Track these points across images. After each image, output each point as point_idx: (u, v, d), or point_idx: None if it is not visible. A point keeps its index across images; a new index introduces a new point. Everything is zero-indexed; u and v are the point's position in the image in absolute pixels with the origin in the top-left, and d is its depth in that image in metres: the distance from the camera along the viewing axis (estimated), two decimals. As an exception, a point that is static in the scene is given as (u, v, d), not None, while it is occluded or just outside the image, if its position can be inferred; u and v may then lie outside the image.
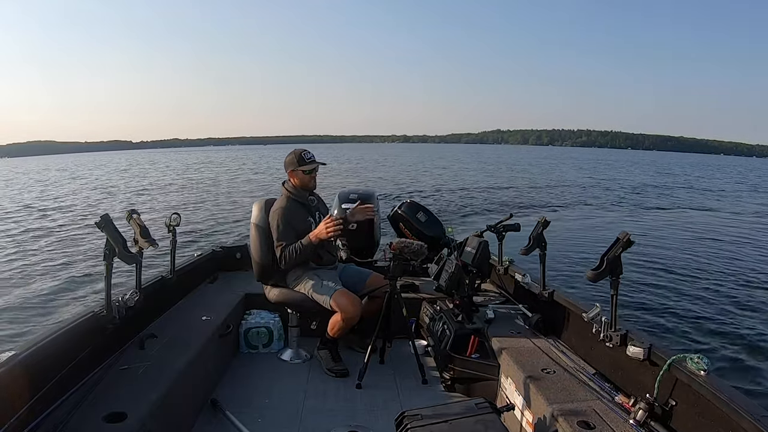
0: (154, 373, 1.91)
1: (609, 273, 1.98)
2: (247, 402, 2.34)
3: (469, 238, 3.32)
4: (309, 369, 2.75)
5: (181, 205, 15.31)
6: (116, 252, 1.93)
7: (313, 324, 2.92)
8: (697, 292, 6.42)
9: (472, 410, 1.63)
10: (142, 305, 2.25)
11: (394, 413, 1.71)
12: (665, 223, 12.53)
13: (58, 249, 8.99)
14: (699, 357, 1.69)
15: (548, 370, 2.12)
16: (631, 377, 1.95)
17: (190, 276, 3.08)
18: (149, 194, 19.52)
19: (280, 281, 2.77)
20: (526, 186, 22.30)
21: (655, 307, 5.74)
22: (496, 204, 15.46)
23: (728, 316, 5.58)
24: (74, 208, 15.42)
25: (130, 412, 1.60)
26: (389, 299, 2.62)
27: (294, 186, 2.76)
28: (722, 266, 7.86)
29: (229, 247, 3.71)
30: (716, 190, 23.88)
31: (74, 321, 1.89)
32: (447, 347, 2.50)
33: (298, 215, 2.71)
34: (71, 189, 22.87)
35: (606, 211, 14.61)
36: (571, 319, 2.44)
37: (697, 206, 16.62)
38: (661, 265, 7.64)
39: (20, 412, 1.49)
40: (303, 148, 2.79)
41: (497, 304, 3.02)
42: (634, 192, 20.93)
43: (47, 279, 6.97)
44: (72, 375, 1.76)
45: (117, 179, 28.59)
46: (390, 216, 3.81)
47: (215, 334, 2.49)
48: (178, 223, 2.75)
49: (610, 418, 1.72)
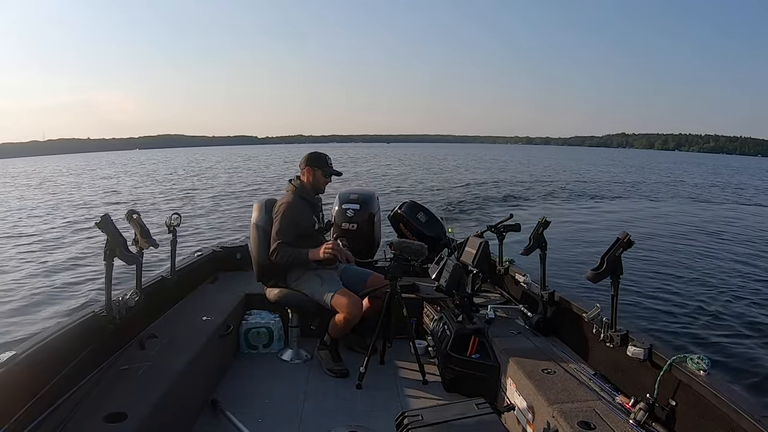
0: (154, 374, 1.91)
1: (609, 273, 1.98)
2: (247, 402, 2.34)
3: (470, 238, 3.32)
4: (309, 369, 2.75)
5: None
6: (116, 252, 1.93)
7: (314, 324, 2.92)
8: (697, 292, 6.41)
9: (473, 410, 1.63)
10: (143, 305, 2.25)
11: (394, 413, 1.71)
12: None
13: (58, 249, 8.99)
14: (699, 357, 1.69)
15: (548, 370, 2.12)
16: (631, 377, 1.95)
17: (190, 276, 3.08)
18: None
19: (281, 281, 2.77)
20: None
21: (656, 308, 5.73)
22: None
23: (729, 316, 5.58)
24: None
25: (130, 412, 1.60)
26: (389, 299, 2.62)
27: (303, 183, 2.78)
28: (724, 267, 7.86)
29: (229, 247, 3.71)
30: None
31: (74, 321, 1.89)
32: (447, 347, 2.49)
33: (304, 212, 2.72)
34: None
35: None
36: (572, 320, 2.44)
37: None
38: (661, 265, 7.64)
39: (20, 412, 1.49)
40: (323, 152, 2.83)
41: (497, 304, 3.02)
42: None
43: (47, 279, 6.98)
44: (72, 375, 1.76)
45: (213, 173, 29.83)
46: (390, 216, 3.81)
47: (215, 334, 2.49)
48: (178, 223, 2.75)
49: (611, 419, 1.72)
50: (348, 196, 3.59)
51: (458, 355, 2.45)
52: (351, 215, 3.49)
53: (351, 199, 3.56)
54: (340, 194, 3.64)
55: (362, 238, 3.45)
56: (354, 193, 3.65)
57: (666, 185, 24.78)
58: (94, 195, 19.27)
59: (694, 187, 24.47)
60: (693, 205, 16.88)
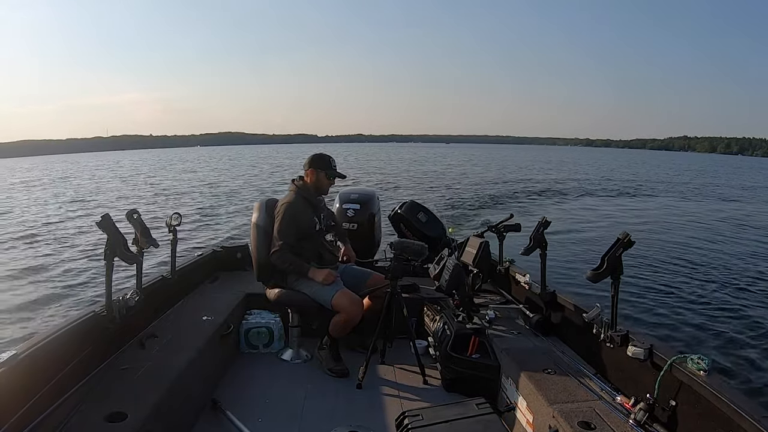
0: (154, 373, 1.91)
1: (609, 273, 1.98)
2: (247, 402, 2.34)
3: (470, 238, 3.32)
4: (309, 369, 2.75)
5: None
6: (117, 252, 1.93)
7: (314, 324, 2.92)
8: (697, 292, 6.41)
9: (473, 410, 1.64)
10: (143, 305, 2.25)
11: (394, 413, 1.71)
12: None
13: (57, 248, 8.99)
14: (699, 357, 1.69)
15: (549, 370, 2.12)
16: (631, 377, 1.95)
17: (190, 276, 3.08)
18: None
19: (281, 281, 2.77)
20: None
21: (656, 308, 5.73)
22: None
23: (729, 316, 5.58)
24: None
25: (130, 412, 1.60)
26: (390, 299, 2.62)
27: (306, 184, 2.79)
28: (724, 267, 7.85)
29: (229, 247, 3.71)
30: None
31: (74, 321, 1.89)
32: (447, 347, 2.49)
33: (305, 212, 2.73)
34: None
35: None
36: (572, 320, 2.44)
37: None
38: (662, 265, 7.64)
39: (20, 412, 1.49)
40: (327, 153, 2.84)
41: (498, 304, 3.02)
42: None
43: (47, 279, 6.98)
44: (72, 375, 1.76)
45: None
46: (391, 216, 3.81)
47: (216, 334, 2.49)
48: (178, 222, 2.75)
49: (611, 419, 1.72)
50: (348, 196, 3.59)
51: (458, 355, 2.45)
52: (351, 215, 3.49)
53: (351, 198, 3.57)
54: (341, 194, 3.65)
55: (362, 238, 3.45)
56: (354, 193, 3.65)
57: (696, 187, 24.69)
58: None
59: (723, 188, 24.67)
60: (714, 205, 16.84)
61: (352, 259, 2.99)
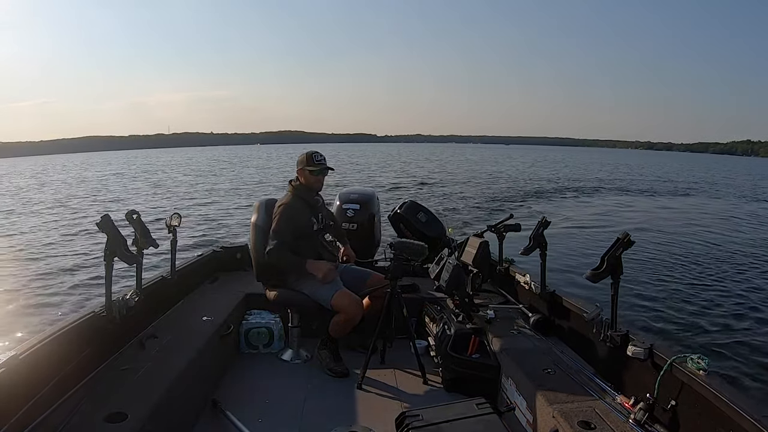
0: (154, 373, 1.91)
1: (609, 273, 1.98)
2: (247, 402, 2.34)
3: (470, 238, 3.32)
4: (309, 369, 2.74)
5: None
6: (116, 252, 1.93)
7: (314, 324, 2.92)
8: (697, 292, 6.41)
9: (473, 410, 1.63)
10: (143, 305, 2.25)
11: (394, 413, 1.70)
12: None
13: (57, 248, 8.99)
14: (699, 357, 1.69)
15: (549, 370, 2.12)
16: (631, 377, 1.95)
17: (190, 276, 3.08)
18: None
19: (281, 281, 2.77)
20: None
21: (656, 308, 5.73)
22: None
23: (729, 316, 5.58)
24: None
25: (130, 412, 1.60)
26: (390, 299, 2.62)
27: (302, 184, 2.78)
28: (725, 267, 7.85)
29: (229, 248, 3.71)
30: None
31: (74, 321, 1.89)
32: (447, 347, 2.49)
33: (302, 213, 2.72)
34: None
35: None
36: (572, 320, 2.44)
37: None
38: (662, 265, 7.63)
39: (20, 412, 1.49)
40: (315, 150, 2.81)
41: (497, 304, 3.02)
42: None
43: (47, 279, 6.97)
44: (72, 375, 1.76)
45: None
46: (390, 216, 3.81)
47: (216, 334, 2.49)
48: (178, 223, 2.75)
49: (611, 418, 1.72)
50: (348, 196, 3.59)
51: (458, 355, 2.45)
52: (351, 215, 3.49)
53: (351, 199, 3.56)
54: (341, 194, 3.64)
55: (362, 238, 3.45)
56: (354, 193, 3.65)
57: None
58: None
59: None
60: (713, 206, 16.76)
61: (352, 259, 2.99)
